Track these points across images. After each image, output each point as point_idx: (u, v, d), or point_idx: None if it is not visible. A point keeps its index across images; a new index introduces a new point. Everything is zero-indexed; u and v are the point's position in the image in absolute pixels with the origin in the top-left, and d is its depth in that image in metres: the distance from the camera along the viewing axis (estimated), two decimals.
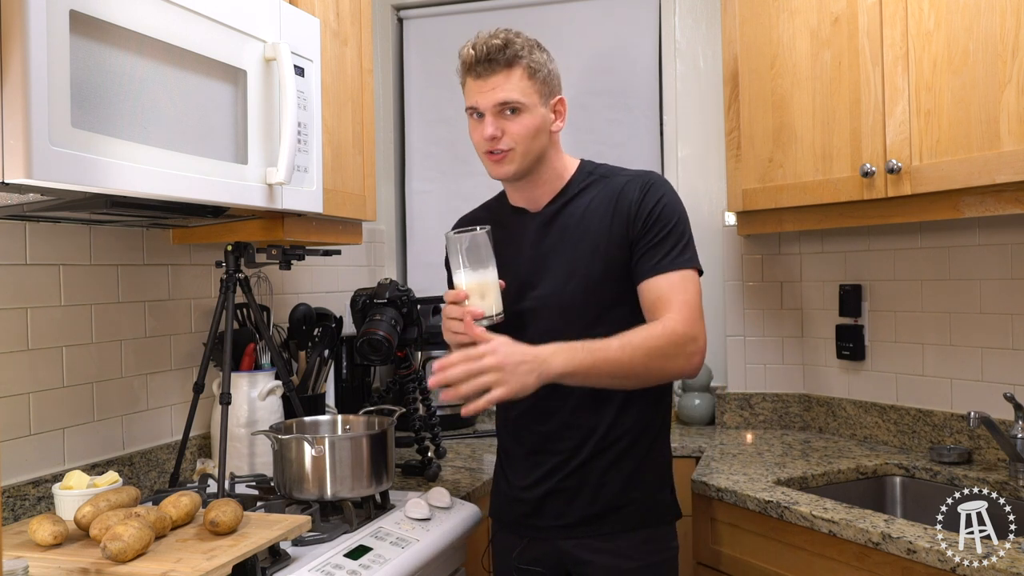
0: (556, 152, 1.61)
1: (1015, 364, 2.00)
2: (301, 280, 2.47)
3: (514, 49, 1.51)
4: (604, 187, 1.59)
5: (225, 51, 1.43)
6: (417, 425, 2.17)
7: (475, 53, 1.52)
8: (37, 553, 1.24)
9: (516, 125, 1.52)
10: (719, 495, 1.91)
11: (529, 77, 1.52)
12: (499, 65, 1.51)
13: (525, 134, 1.52)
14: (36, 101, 1.06)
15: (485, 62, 1.52)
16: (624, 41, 2.85)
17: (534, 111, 1.53)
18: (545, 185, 1.61)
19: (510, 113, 1.52)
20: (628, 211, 1.54)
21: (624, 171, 1.63)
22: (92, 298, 1.73)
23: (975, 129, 1.71)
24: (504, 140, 1.52)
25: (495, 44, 1.51)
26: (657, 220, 1.52)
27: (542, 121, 1.54)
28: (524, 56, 1.52)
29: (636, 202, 1.54)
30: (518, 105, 1.51)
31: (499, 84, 1.51)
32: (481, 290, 1.44)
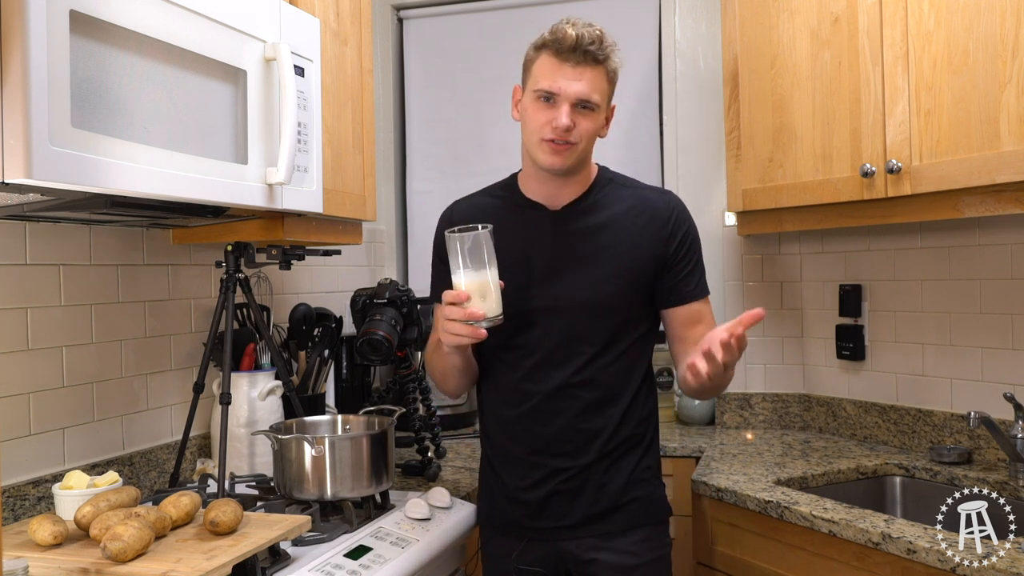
0: (590, 157, 1.62)
1: (1015, 364, 2.00)
2: (301, 280, 2.47)
3: (606, 47, 1.51)
4: (629, 197, 1.61)
5: (225, 51, 1.43)
6: (417, 425, 2.17)
7: (576, 37, 1.47)
8: (37, 553, 1.24)
9: (587, 122, 1.51)
10: (719, 495, 1.91)
11: (609, 80, 1.53)
12: (593, 59, 1.49)
13: (590, 133, 1.53)
14: (36, 101, 1.06)
15: (582, 51, 1.48)
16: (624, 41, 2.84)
17: (601, 113, 1.54)
18: (575, 184, 1.61)
19: (583, 109, 1.50)
20: (659, 230, 1.57)
21: (643, 184, 1.67)
22: (92, 298, 1.73)
23: (975, 129, 1.71)
24: (574, 132, 1.51)
25: (595, 34, 1.49)
26: (690, 248, 1.60)
27: (600, 124, 1.56)
28: (611, 57, 1.52)
29: (668, 225, 1.58)
30: (594, 106, 1.51)
31: (588, 77, 1.49)
32: (482, 291, 1.42)
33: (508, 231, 1.58)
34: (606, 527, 1.57)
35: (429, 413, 2.29)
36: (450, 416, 2.63)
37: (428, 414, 2.28)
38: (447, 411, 2.62)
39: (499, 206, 1.66)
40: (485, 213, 1.64)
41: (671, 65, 2.79)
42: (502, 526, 1.65)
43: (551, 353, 1.56)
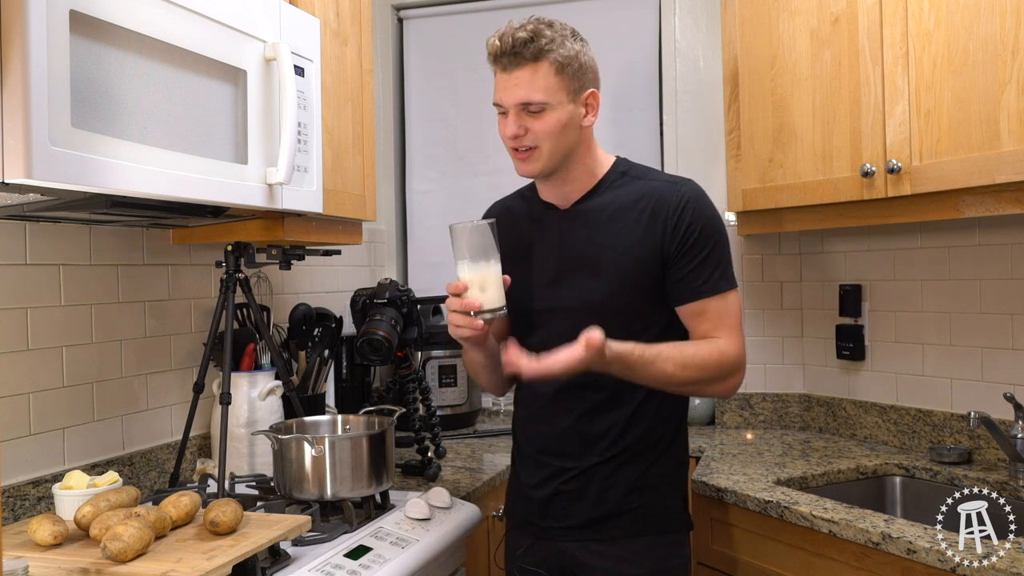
0: (588, 148, 1.54)
1: (1015, 364, 2.00)
2: (301, 280, 2.47)
3: (540, 43, 1.43)
4: (637, 188, 1.53)
5: (225, 51, 1.43)
6: (417, 425, 2.17)
7: (500, 44, 1.45)
8: (37, 553, 1.24)
9: (539, 123, 1.46)
10: (719, 495, 1.91)
11: (557, 72, 1.44)
12: (524, 59, 1.43)
13: (549, 132, 1.46)
14: (36, 101, 1.06)
15: (510, 55, 1.44)
16: (624, 41, 2.85)
17: (560, 108, 1.46)
18: (575, 182, 1.55)
19: (530, 112, 1.45)
20: (665, 223, 1.48)
21: (660, 175, 1.58)
22: (92, 298, 1.73)
23: (975, 129, 1.71)
24: (528, 138, 1.47)
25: (520, 37, 1.43)
26: (698, 240, 1.48)
27: (569, 117, 1.47)
28: (552, 49, 1.43)
29: (674, 216, 1.48)
30: (540, 106, 1.45)
31: (523, 80, 1.44)
32: (482, 282, 1.41)
33: (527, 232, 1.59)
34: (608, 532, 1.54)
35: (429, 413, 2.29)
36: (450, 416, 2.63)
37: (428, 414, 2.28)
38: (447, 411, 2.62)
39: (524, 208, 1.65)
40: (511, 214, 1.64)
41: (671, 65, 2.79)
42: (518, 520, 1.66)
43: None
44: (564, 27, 1.47)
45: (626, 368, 1.41)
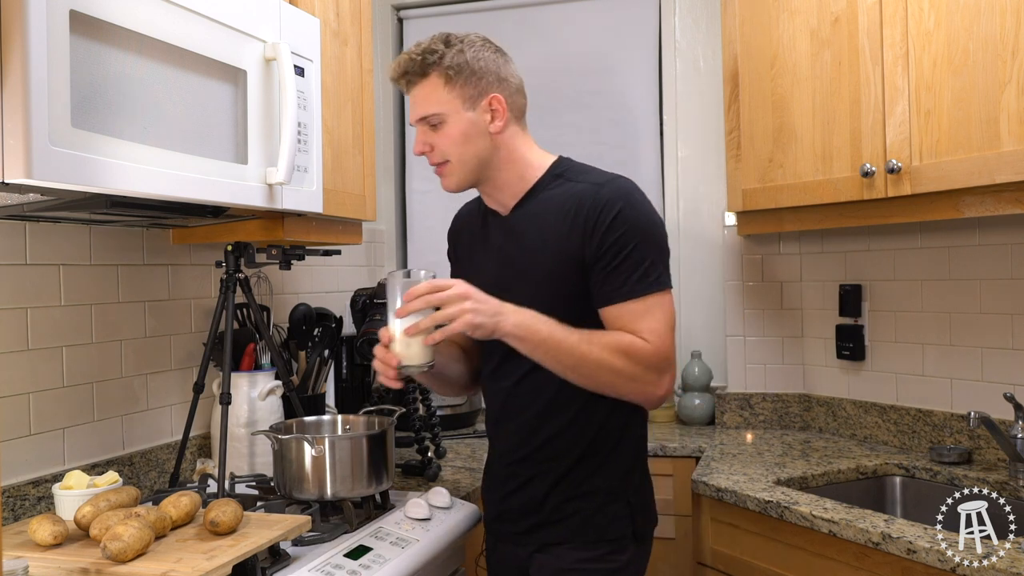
0: (510, 153, 1.49)
1: (1015, 364, 2.00)
2: (301, 280, 2.47)
3: (427, 59, 1.44)
4: (566, 191, 1.47)
5: (225, 51, 1.43)
6: (417, 425, 2.17)
7: (395, 69, 1.48)
8: (37, 553, 1.24)
9: (440, 137, 1.46)
10: (719, 495, 1.91)
11: (446, 83, 1.44)
12: (415, 76, 1.46)
13: (452, 142, 1.45)
14: (36, 101, 1.06)
15: (401, 77, 1.48)
16: (624, 41, 2.85)
17: (457, 117, 1.45)
18: (505, 189, 1.52)
19: (430, 127, 1.46)
20: (584, 226, 1.42)
21: (593, 174, 1.49)
22: (92, 298, 1.73)
23: (975, 129, 1.71)
24: (435, 154, 1.48)
25: (404, 59, 1.46)
26: (616, 242, 1.40)
27: (470, 126, 1.45)
28: (437, 62, 1.44)
29: (592, 218, 1.41)
30: (437, 118, 1.45)
31: (418, 96, 1.47)
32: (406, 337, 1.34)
33: (476, 240, 1.60)
34: (547, 538, 1.50)
35: (429, 413, 2.29)
36: (450, 416, 2.63)
37: (428, 414, 2.28)
38: (447, 411, 2.62)
39: (478, 214, 1.63)
40: (468, 221, 1.66)
41: (671, 65, 2.79)
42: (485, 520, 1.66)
43: (502, 362, 1.52)
44: (466, 39, 1.47)
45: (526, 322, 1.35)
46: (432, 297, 1.32)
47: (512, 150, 1.50)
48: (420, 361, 1.36)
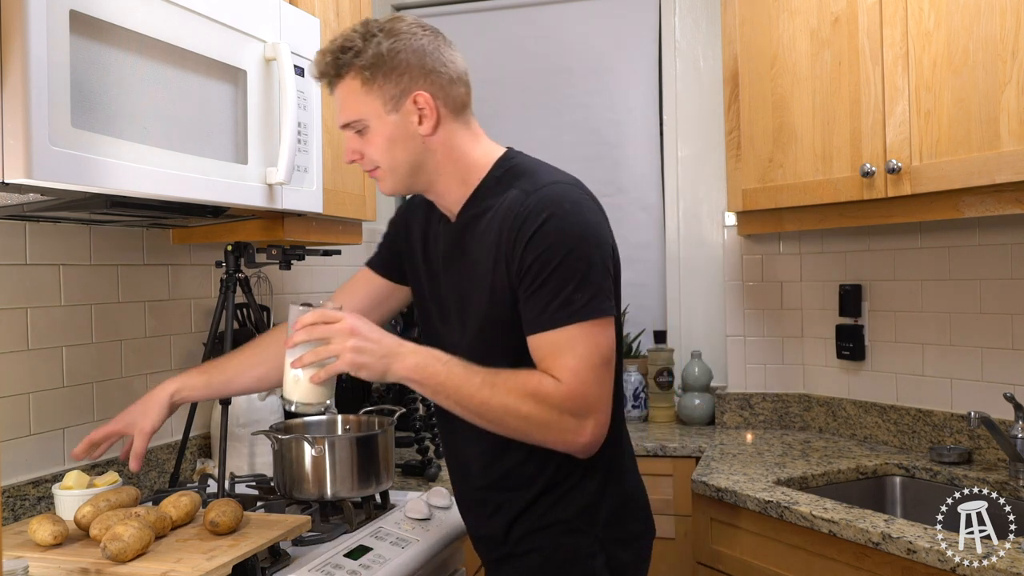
0: (448, 154, 1.31)
1: (1015, 364, 2.00)
2: (301, 280, 2.47)
3: (340, 57, 1.27)
4: (500, 199, 1.28)
5: (225, 51, 1.43)
6: (417, 425, 2.17)
7: (311, 68, 1.33)
8: (37, 553, 1.24)
9: (366, 143, 1.30)
10: (719, 495, 1.91)
11: (363, 84, 1.26)
12: (332, 77, 1.29)
13: (377, 151, 1.29)
14: (36, 101, 1.06)
15: (320, 77, 1.31)
16: (624, 41, 2.85)
17: (380, 122, 1.27)
18: (447, 195, 1.34)
19: (360, 131, 1.30)
20: (509, 244, 1.24)
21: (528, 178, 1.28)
22: (92, 298, 1.73)
23: (975, 129, 1.71)
24: (365, 161, 1.32)
25: (318, 58, 1.30)
26: (536, 261, 1.20)
27: (395, 129, 1.27)
28: (352, 61, 1.26)
29: (513, 233, 1.23)
30: (359, 124, 1.29)
31: (339, 99, 1.30)
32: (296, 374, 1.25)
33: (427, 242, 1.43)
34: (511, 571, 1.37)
35: (429, 413, 2.29)
36: None
37: (428, 414, 2.28)
38: None
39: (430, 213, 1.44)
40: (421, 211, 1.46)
41: (671, 65, 2.79)
42: None
43: None
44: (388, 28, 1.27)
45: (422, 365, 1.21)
46: (315, 330, 1.20)
47: (450, 150, 1.31)
48: (310, 399, 1.25)
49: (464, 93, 1.33)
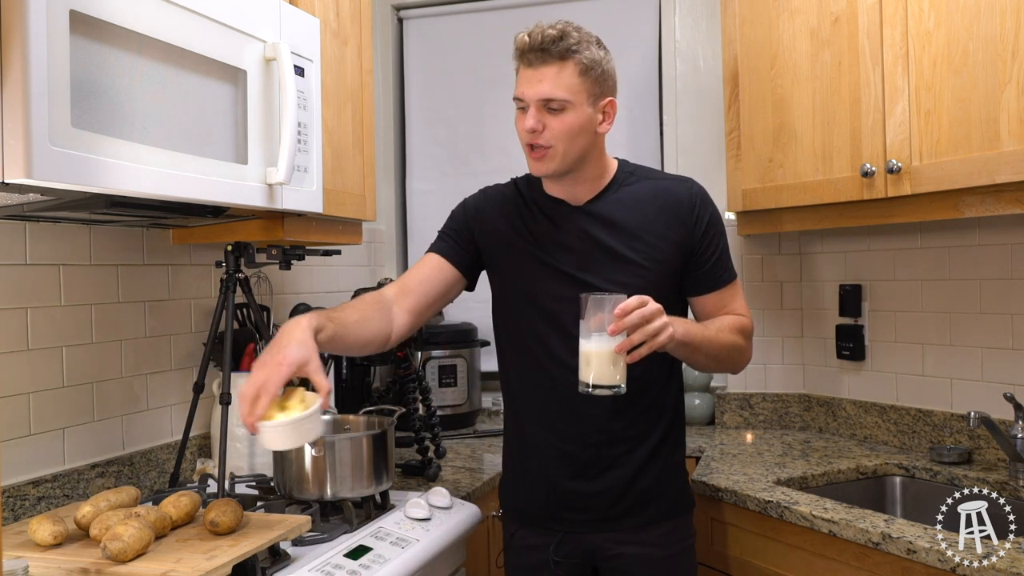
0: (599, 153, 1.59)
1: (1015, 364, 2.00)
2: (301, 280, 2.47)
3: (569, 42, 1.46)
4: (649, 187, 1.60)
5: (225, 51, 1.43)
6: (417, 425, 2.17)
7: (529, 40, 1.47)
8: (37, 553, 1.24)
9: (558, 122, 1.48)
10: (719, 495, 1.91)
11: (581, 74, 1.47)
12: (552, 57, 1.46)
13: (566, 133, 1.48)
14: (36, 101, 1.06)
15: (538, 51, 1.47)
16: (624, 41, 2.85)
17: (579, 110, 1.48)
18: (585, 183, 1.59)
19: (551, 109, 1.48)
20: (685, 219, 1.57)
21: (664, 174, 1.68)
22: (92, 298, 1.73)
23: (975, 129, 1.71)
24: (544, 135, 1.49)
25: (550, 34, 1.46)
26: (716, 235, 1.59)
27: (587, 121, 1.50)
28: (579, 51, 1.47)
29: (693, 212, 1.57)
30: (563, 104, 1.47)
31: (548, 77, 1.47)
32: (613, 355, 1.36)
33: (533, 224, 1.61)
34: (636, 521, 1.58)
35: (429, 413, 2.29)
36: (450, 416, 2.63)
37: (428, 414, 2.28)
38: (447, 411, 2.62)
39: (524, 199, 1.65)
40: (507, 203, 1.66)
41: (671, 65, 2.79)
42: (535, 516, 1.64)
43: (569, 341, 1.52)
44: (590, 34, 1.51)
45: (688, 328, 1.46)
46: (645, 311, 1.32)
47: (601, 151, 1.59)
48: (621, 380, 1.36)
49: None
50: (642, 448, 1.58)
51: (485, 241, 1.66)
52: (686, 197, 1.59)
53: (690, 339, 1.45)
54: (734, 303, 1.63)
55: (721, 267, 1.61)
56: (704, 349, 1.50)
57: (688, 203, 1.58)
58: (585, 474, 1.58)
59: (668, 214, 1.57)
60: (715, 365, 1.60)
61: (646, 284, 1.51)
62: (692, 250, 1.58)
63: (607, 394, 1.36)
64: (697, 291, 1.61)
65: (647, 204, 1.58)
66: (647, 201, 1.58)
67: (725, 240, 1.63)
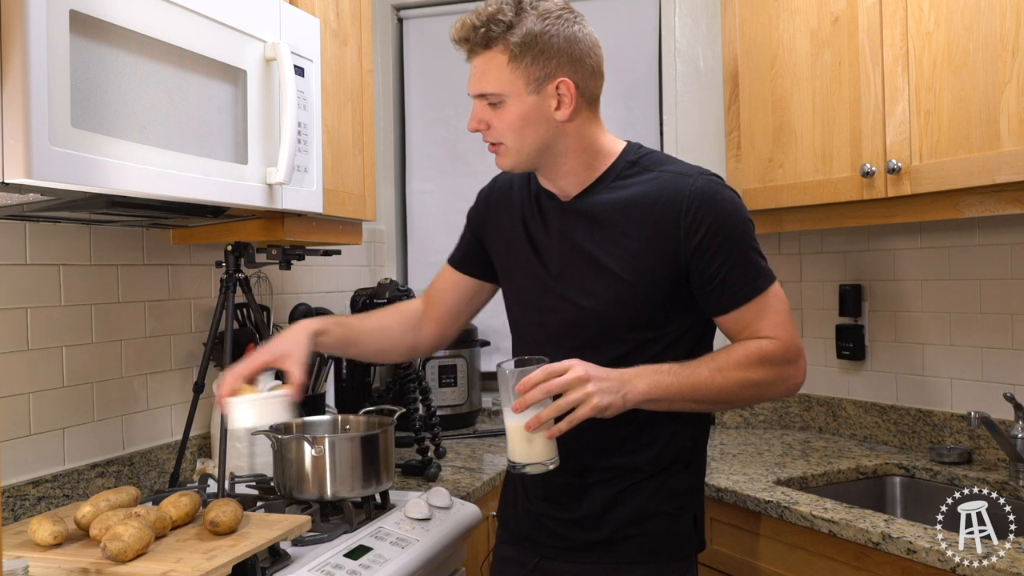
0: (578, 141, 1.35)
1: (1015, 364, 2.00)
2: (301, 280, 2.47)
3: (492, 29, 1.27)
4: (645, 182, 1.34)
5: (225, 51, 1.43)
6: (417, 425, 2.17)
7: (457, 28, 1.31)
8: (37, 553, 1.24)
9: (498, 117, 1.31)
10: (719, 495, 1.91)
11: (511, 60, 1.27)
12: (477, 46, 1.30)
13: (509, 128, 1.31)
14: (36, 101, 1.06)
15: (463, 42, 1.31)
16: (624, 41, 2.85)
17: (518, 100, 1.29)
18: (569, 177, 1.37)
19: (494, 104, 1.31)
20: (675, 224, 1.29)
21: (674, 165, 1.36)
22: (92, 298, 1.73)
23: (975, 129, 1.71)
24: (490, 133, 1.33)
25: (468, 23, 1.29)
26: (722, 245, 1.29)
27: (532, 110, 1.29)
28: (503, 34, 1.27)
29: (688, 216, 1.29)
30: (496, 97, 1.30)
31: (479, 68, 1.31)
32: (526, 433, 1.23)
33: (529, 219, 1.44)
34: (609, 557, 1.38)
35: (429, 413, 2.29)
36: (450, 416, 2.63)
37: (428, 414, 2.28)
38: (447, 411, 2.62)
39: (527, 190, 1.47)
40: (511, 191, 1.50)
41: (671, 65, 2.79)
42: (516, 536, 1.51)
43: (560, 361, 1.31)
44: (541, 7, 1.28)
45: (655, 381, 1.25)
46: (550, 385, 1.20)
47: (580, 137, 1.35)
48: (544, 458, 1.24)
49: (600, 85, 1.38)
50: (622, 479, 1.37)
51: (490, 239, 1.53)
52: (681, 196, 1.29)
53: (662, 394, 1.25)
54: (760, 323, 1.31)
55: (738, 282, 1.30)
56: (692, 397, 1.27)
57: (682, 204, 1.29)
58: (559, 500, 1.41)
59: (659, 216, 1.30)
60: (726, 406, 1.37)
61: (620, 299, 1.32)
62: (687, 263, 1.30)
63: (536, 472, 1.25)
64: (714, 311, 1.33)
65: (640, 202, 1.32)
66: (641, 198, 1.32)
67: (744, 247, 1.31)
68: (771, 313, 1.32)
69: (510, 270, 1.49)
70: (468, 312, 1.61)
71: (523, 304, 1.45)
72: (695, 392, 1.27)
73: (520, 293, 1.46)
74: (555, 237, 1.39)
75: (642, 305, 1.32)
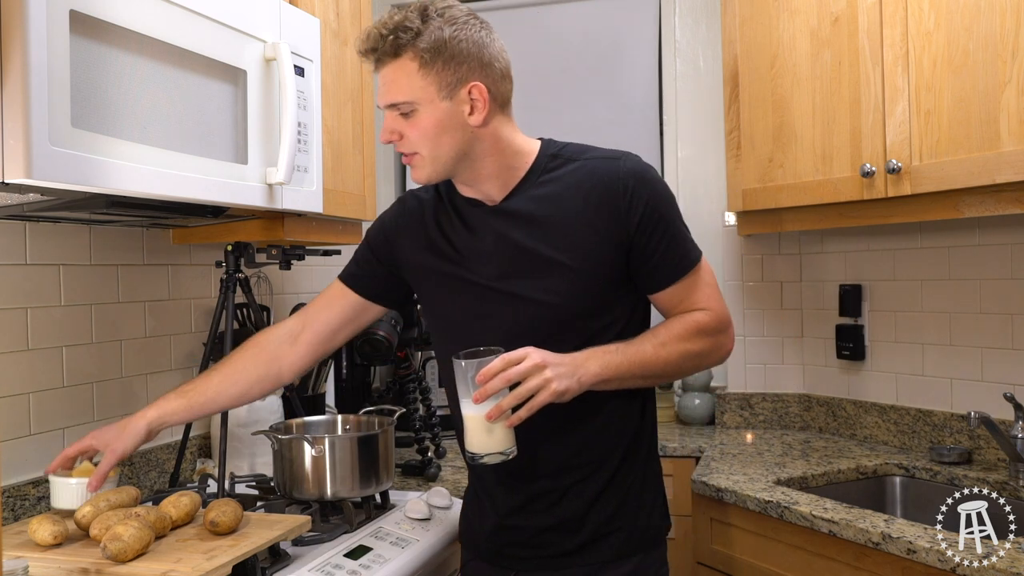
0: (495, 144, 1.33)
1: (1015, 364, 2.00)
2: (301, 280, 2.47)
3: (400, 37, 1.25)
4: (574, 172, 1.35)
5: (225, 51, 1.43)
6: (417, 425, 2.17)
7: (359, 41, 1.30)
8: (37, 553, 1.24)
9: (411, 127, 1.29)
10: (719, 495, 1.91)
11: (421, 66, 1.26)
12: (385, 55, 1.28)
13: (422, 136, 1.29)
14: (36, 101, 1.06)
15: (370, 52, 1.29)
16: (624, 41, 2.85)
17: (431, 107, 1.27)
18: (492, 179, 1.36)
19: (405, 114, 1.29)
20: (615, 206, 1.32)
21: (595, 151, 1.39)
22: (92, 298, 1.73)
23: (975, 129, 1.71)
24: (404, 143, 1.31)
25: (374, 33, 1.27)
26: (659, 222, 1.32)
27: (446, 117, 1.28)
28: (411, 42, 1.25)
29: (625, 197, 1.31)
30: (408, 106, 1.28)
31: (388, 78, 1.28)
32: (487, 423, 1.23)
33: (451, 231, 1.41)
34: (590, 559, 1.38)
35: (429, 413, 2.29)
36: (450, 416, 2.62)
37: (428, 414, 2.28)
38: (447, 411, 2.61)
39: (441, 202, 1.44)
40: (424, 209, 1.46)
41: (671, 65, 2.79)
42: (486, 553, 1.47)
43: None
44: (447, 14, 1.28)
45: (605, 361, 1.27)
46: (509, 373, 1.20)
47: (496, 140, 1.34)
48: (503, 447, 1.24)
49: (510, 88, 1.37)
50: (597, 476, 1.38)
51: (404, 265, 1.48)
52: (614, 179, 1.32)
53: (614, 373, 1.28)
54: (693, 296, 1.37)
55: (674, 258, 1.34)
56: (640, 373, 1.30)
57: (617, 186, 1.32)
58: (533, 507, 1.39)
59: (596, 201, 1.32)
60: (669, 379, 1.43)
61: (577, 288, 1.33)
62: (631, 243, 1.32)
63: (495, 461, 1.24)
64: (651, 288, 1.37)
65: (572, 192, 1.33)
66: (572, 188, 1.34)
67: (676, 223, 1.35)
68: (703, 286, 1.38)
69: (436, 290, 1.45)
70: (345, 333, 1.56)
71: (468, 315, 1.41)
72: (643, 368, 1.31)
73: (457, 309, 1.42)
74: (490, 241, 1.38)
75: (598, 291, 1.35)
